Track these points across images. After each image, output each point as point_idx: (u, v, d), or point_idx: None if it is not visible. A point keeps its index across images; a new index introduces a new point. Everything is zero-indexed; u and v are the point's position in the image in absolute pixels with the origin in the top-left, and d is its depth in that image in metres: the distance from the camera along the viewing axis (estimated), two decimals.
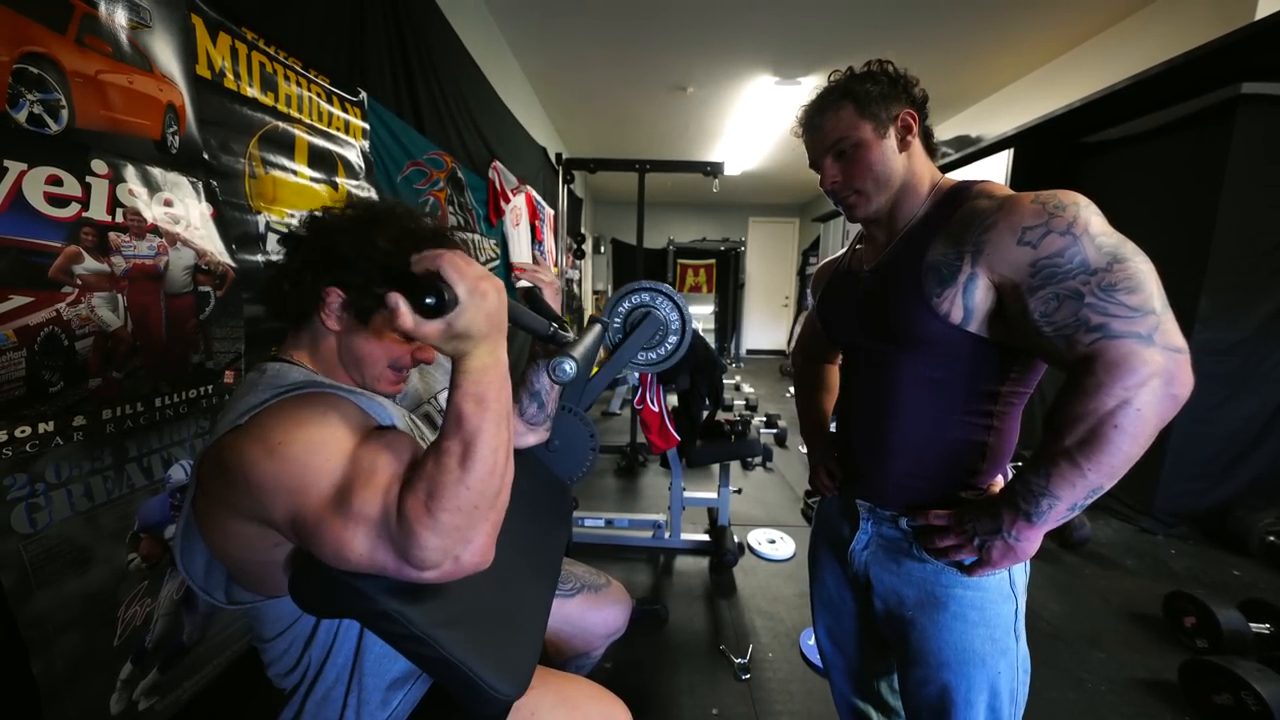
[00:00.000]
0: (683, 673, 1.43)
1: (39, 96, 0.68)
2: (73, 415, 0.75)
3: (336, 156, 1.34)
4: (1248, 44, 1.61)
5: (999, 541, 0.58)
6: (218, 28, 0.98)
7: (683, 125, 4.12)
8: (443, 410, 0.76)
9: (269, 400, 0.52)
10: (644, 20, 2.58)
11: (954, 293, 0.59)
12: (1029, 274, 0.54)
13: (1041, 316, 0.54)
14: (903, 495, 0.68)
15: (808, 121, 0.71)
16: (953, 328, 0.60)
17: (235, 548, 0.55)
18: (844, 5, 2.39)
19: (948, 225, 0.61)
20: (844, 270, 0.78)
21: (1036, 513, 0.54)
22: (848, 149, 0.66)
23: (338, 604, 0.52)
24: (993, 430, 0.64)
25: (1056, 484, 0.53)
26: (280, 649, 0.62)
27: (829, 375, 0.97)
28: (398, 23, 1.66)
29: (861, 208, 0.68)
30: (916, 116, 0.66)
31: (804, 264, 6.88)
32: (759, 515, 2.39)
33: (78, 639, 0.77)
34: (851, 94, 0.65)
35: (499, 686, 0.54)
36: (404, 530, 0.46)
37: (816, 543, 0.86)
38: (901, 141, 0.66)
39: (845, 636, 0.82)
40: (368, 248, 0.58)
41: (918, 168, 0.67)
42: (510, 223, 2.75)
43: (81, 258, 0.74)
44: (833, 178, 0.69)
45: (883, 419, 0.68)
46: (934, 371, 0.64)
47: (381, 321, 0.61)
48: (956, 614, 0.64)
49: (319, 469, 0.48)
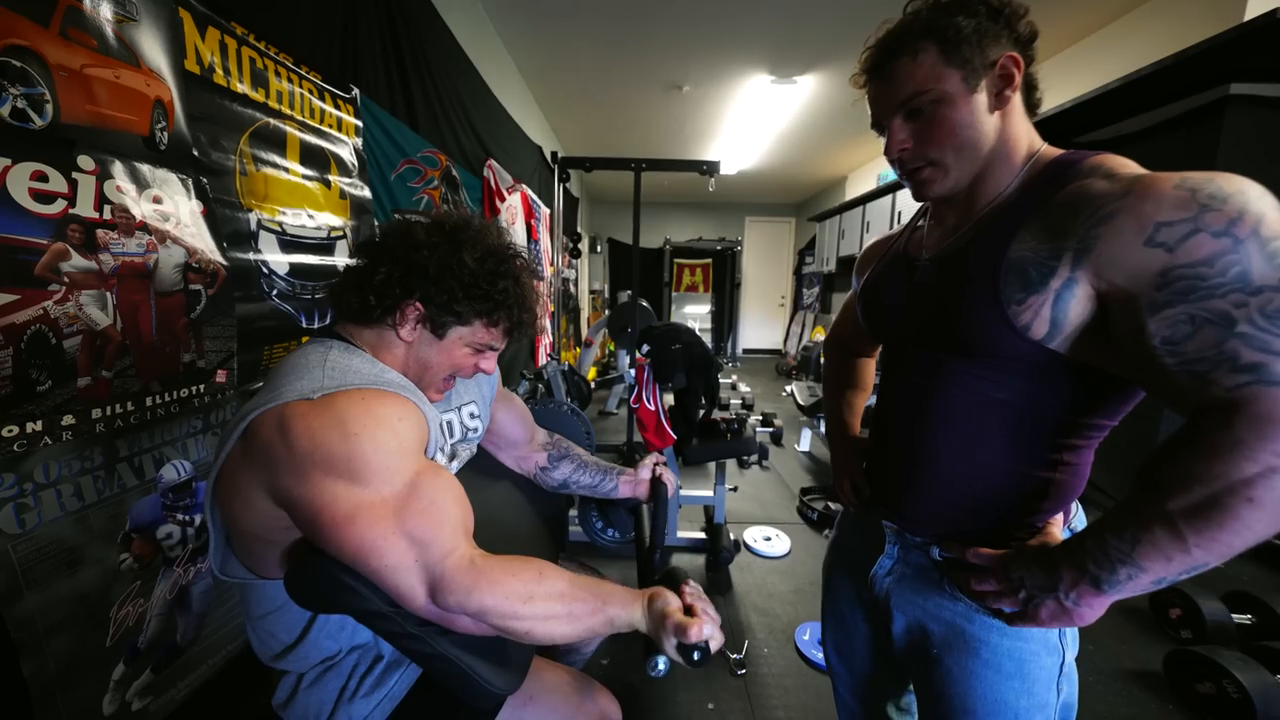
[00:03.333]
0: (678, 669, 1.43)
1: (22, 90, 0.67)
2: (61, 415, 0.74)
3: (329, 154, 1.33)
4: (1236, 45, 1.63)
5: (1051, 601, 0.47)
6: (206, 22, 0.97)
7: (679, 124, 4.12)
8: (463, 423, 0.79)
9: (345, 385, 0.53)
10: (640, 18, 2.57)
11: (1041, 301, 0.46)
12: (1155, 285, 0.41)
13: (1164, 344, 0.40)
14: (938, 524, 0.58)
15: (874, 66, 0.54)
16: (1030, 343, 0.48)
17: (248, 519, 0.55)
18: (839, 5, 2.39)
19: (1044, 210, 0.48)
20: (898, 254, 0.65)
21: (1110, 581, 0.43)
22: (925, 106, 0.51)
23: (333, 601, 0.52)
24: (1062, 466, 0.52)
25: (1146, 553, 0.41)
26: (269, 628, 0.62)
27: (864, 371, 0.85)
28: (391, 19, 1.65)
29: (936, 184, 0.54)
30: (1021, 62, 0.50)
31: (800, 264, 6.89)
32: (755, 513, 2.40)
33: (69, 640, 0.76)
34: (936, 31, 0.50)
35: (495, 681, 0.54)
36: (464, 581, 0.49)
37: (833, 558, 0.78)
38: (998, 96, 0.50)
39: (854, 656, 0.75)
40: (456, 266, 0.60)
41: (1014, 131, 0.52)
42: (506, 222, 2.74)
43: (68, 255, 0.73)
44: (901, 144, 0.54)
45: (925, 437, 0.57)
46: (996, 391, 0.52)
47: (454, 335, 0.63)
48: (989, 663, 0.54)
49: (381, 470, 0.50)
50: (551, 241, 3.65)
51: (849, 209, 4.63)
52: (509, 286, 0.64)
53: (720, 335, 7.13)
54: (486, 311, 0.64)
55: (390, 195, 1.65)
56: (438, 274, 0.60)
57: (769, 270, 7.51)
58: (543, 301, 3.43)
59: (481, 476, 0.85)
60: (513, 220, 2.86)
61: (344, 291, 0.63)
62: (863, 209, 4.30)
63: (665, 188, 6.08)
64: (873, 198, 4.13)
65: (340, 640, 0.62)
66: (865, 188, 4.45)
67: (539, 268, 3.37)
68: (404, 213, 1.73)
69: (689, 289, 7.17)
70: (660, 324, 1.98)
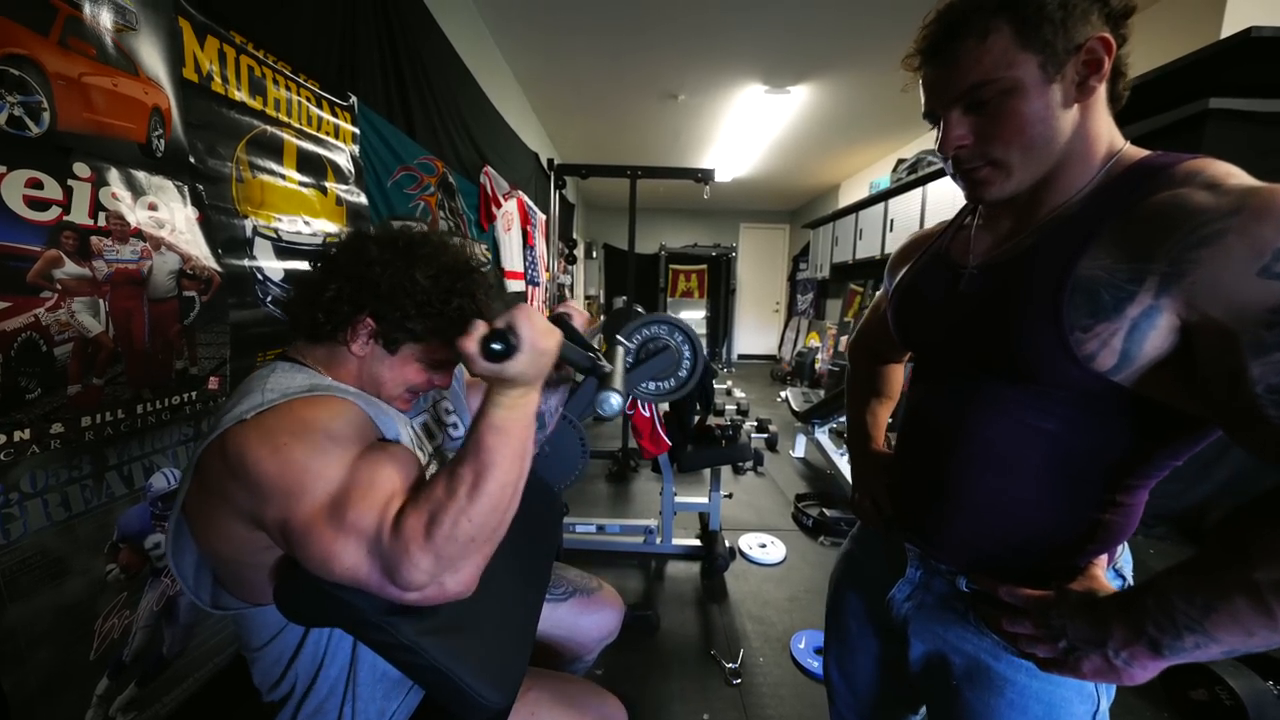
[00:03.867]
0: (674, 678, 1.42)
1: (19, 99, 0.67)
2: (50, 423, 0.73)
3: (326, 161, 1.33)
4: (1213, 61, 1.68)
5: (1097, 656, 0.41)
6: (205, 31, 0.97)
7: (674, 132, 4.16)
8: (441, 421, 0.76)
9: (278, 400, 0.52)
10: (636, 29, 2.60)
11: (1112, 330, 0.40)
12: (1265, 324, 0.34)
13: (1269, 392, 0.34)
14: (967, 554, 0.53)
15: (932, 47, 0.46)
16: (1092, 374, 0.42)
17: (225, 548, 0.54)
18: (832, 18, 2.43)
19: (1124, 222, 0.41)
20: (940, 256, 0.57)
21: (1173, 647, 0.38)
22: (991, 97, 0.43)
23: (324, 613, 0.51)
24: (1114, 507, 0.46)
25: (1221, 624, 0.36)
26: (270, 659, 0.61)
27: (892, 378, 0.79)
28: (389, 28, 1.66)
29: (995, 186, 0.47)
30: (1113, 44, 0.42)
31: (794, 270, 6.95)
32: (750, 519, 2.40)
33: (52, 653, 0.74)
34: (1012, 6, 0.42)
35: (488, 694, 0.54)
36: (398, 548, 0.46)
37: (844, 573, 0.73)
38: (1080, 86, 0.43)
39: (859, 675, 0.70)
40: (408, 284, 0.59)
41: (1094, 127, 0.44)
42: (501, 228, 2.74)
43: (62, 262, 0.73)
44: (959, 139, 0.46)
45: (957, 464, 0.51)
46: (1043, 420, 0.46)
47: (407, 351, 0.62)
48: (1014, 704, 0.50)
49: (318, 474, 0.48)
50: (547, 247, 3.66)
51: (842, 216, 4.68)
52: (464, 304, 0.63)
53: (715, 341, 7.15)
54: (439, 330, 0.62)
55: (387, 202, 1.65)
56: (389, 292, 0.59)
57: (764, 276, 7.56)
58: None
59: None
60: (508, 226, 2.87)
61: (295, 307, 0.62)
62: (855, 216, 4.35)
63: (661, 194, 6.12)
64: (865, 205, 4.18)
65: (339, 664, 0.61)
66: (858, 195, 4.50)
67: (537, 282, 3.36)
68: (399, 219, 1.73)
69: (684, 295, 7.20)
70: None
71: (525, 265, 3.19)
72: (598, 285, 7.01)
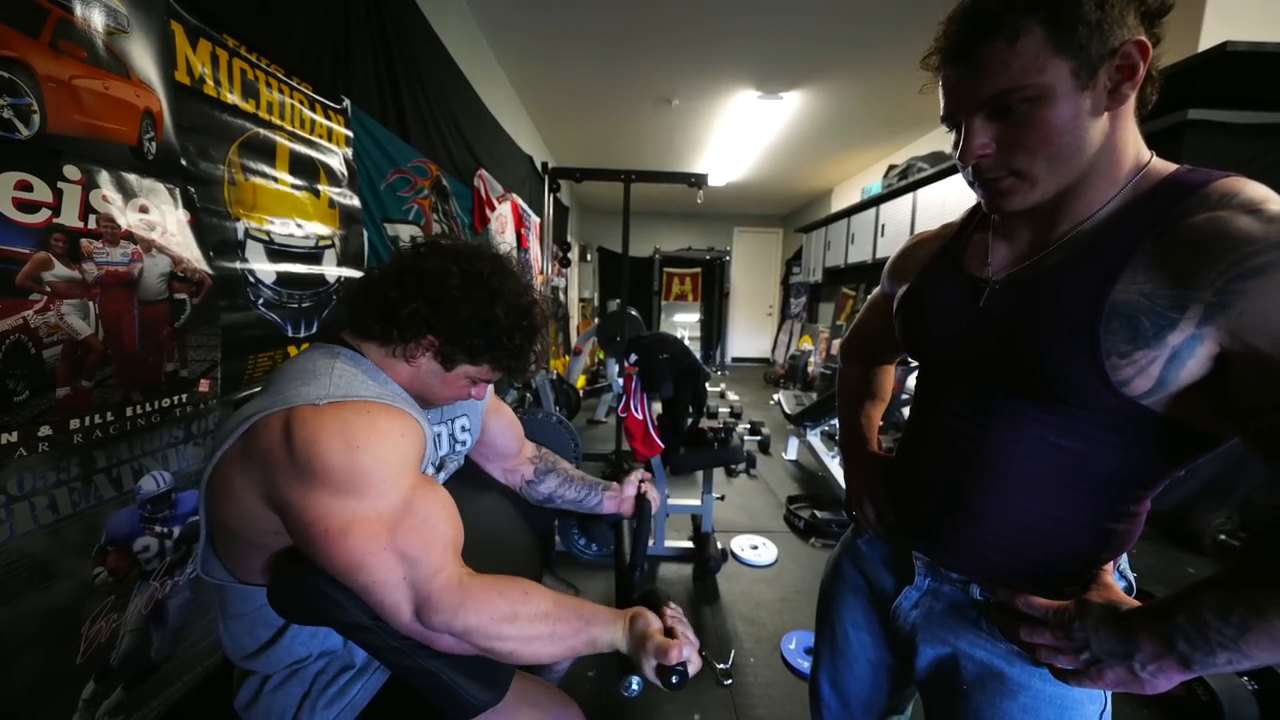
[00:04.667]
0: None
1: (9, 101, 0.67)
2: (38, 425, 0.73)
3: (318, 163, 1.33)
4: (1191, 74, 1.73)
5: (1120, 669, 0.41)
6: (198, 34, 0.98)
7: (668, 136, 4.19)
8: (454, 436, 0.80)
9: (353, 398, 0.54)
10: (630, 35, 2.62)
11: (1152, 359, 0.39)
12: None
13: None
14: (980, 564, 0.53)
15: (955, 48, 0.43)
16: (1125, 399, 0.41)
17: (234, 518, 0.55)
18: (823, 25, 2.47)
19: (1162, 244, 0.40)
20: (953, 263, 0.56)
21: (1205, 663, 0.38)
22: (1018, 105, 0.41)
23: (317, 613, 0.52)
24: (1127, 517, 0.47)
25: (1257, 643, 0.35)
26: (245, 627, 0.61)
27: (884, 380, 0.79)
28: (383, 32, 1.67)
29: (1018, 198, 0.45)
30: (1149, 48, 0.40)
31: (788, 274, 7.00)
32: (742, 521, 2.41)
33: (37, 657, 0.74)
34: (1046, 6, 0.39)
35: (477, 694, 0.54)
36: (453, 599, 0.50)
37: (840, 580, 0.70)
38: (1112, 94, 0.40)
39: (853, 687, 0.69)
40: (485, 317, 0.62)
41: (1122, 137, 0.43)
42: (495, 230, 2.75)
43: (51, 264, 0.73)
44: (982, 148, 0.44)
45: (972, 479, 0.51)
46: (1064, 439, 0.45)
47: (461, 369, 0.65)
48: (1028, 707, 0.50)
49: (379, 485, 0.50)
50: (541, 250, 3.66)
51: (834, 221, 4.73)
52: (525, 341, 0.67)
53: (709, 344, 7.18)
54: (498, 358, 0.66)
55: (380, 204, 1.65)
56: (466, 322, 0.62)
57: (757, 280, 7.60)
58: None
59: (470, 489, 0.85)
60: (502, 229, 2.87)
61: (366, 312, 0.63)
62: (847, 221, 4.40)
63: (655, 198, 6.15)
64: (857, 210, 4.23)
65: (310, 645, 0.62)
66: (850, 200, 4.55)
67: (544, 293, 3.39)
68: (392, 222, 1.73)
69: (678, 298, 7.23)
70: (648, 333, 2.00)
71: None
72: (592, 288, 7.01)
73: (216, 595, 0.63)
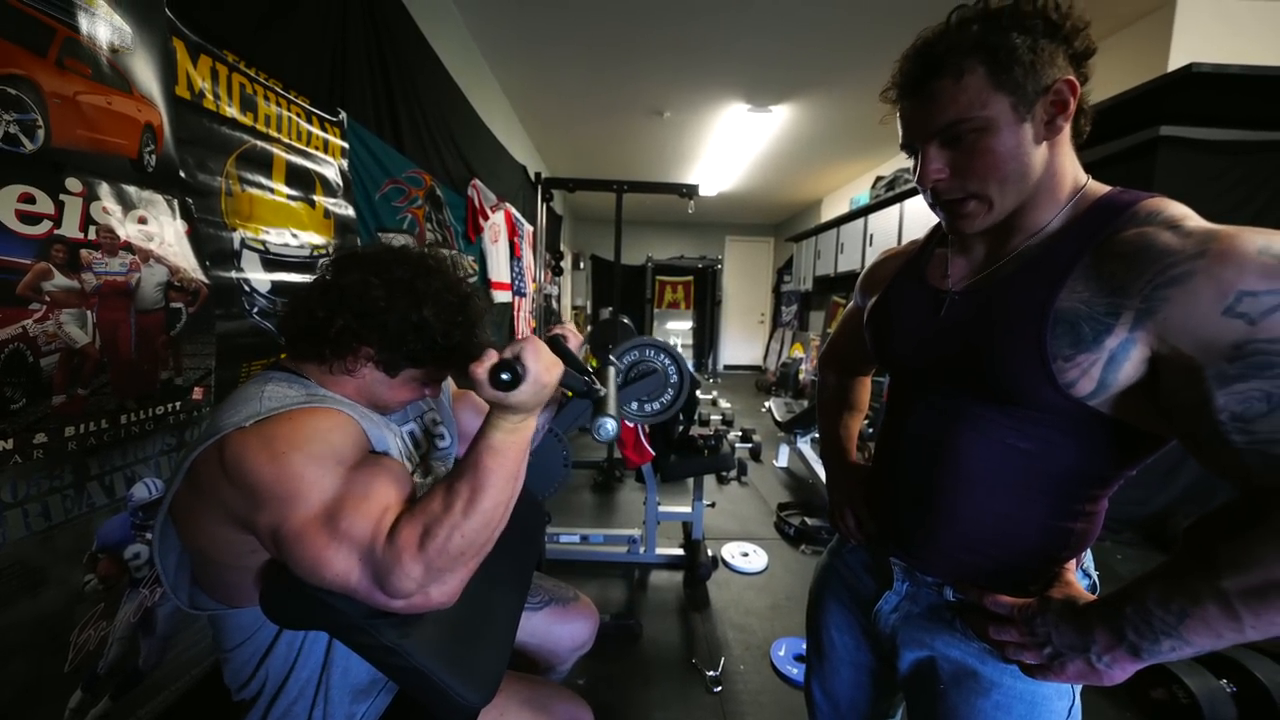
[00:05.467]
0: (655, 686, 1.44)
1: (15, 117, 0.69)
2: (34, 433, 0.73)
3: (314, 174, 1.36)
4: (1161, 92, 1.81)
5: (1079, 661, 0.45)
6: (199, 50, 1.00)
7: (660, 147, 4.25)
8: (428, 431, 0.78)
9: (278, 409, 0.54)
10: (622, 48, 2.68)
11: (1092, 361, 0.43)
12: (1227, 357, 0.38)
13: (1232, 420, 0.37)
14: (952, 567, 0.56)
15: (909, 84, 0.49)
16: (1072, 400, 0.45)
17: (211, 549, 0.56)
18: (810, 41, 2.54)
19: (1098, 257, 0.44)
20: (917, 278, 0.60)
21: (1151, 651, 0.41)
22: (966, 134, 0.46)
23: (309, 617, 0.53)
24: (1084, 516, 0.51)
25: (1194, 629, 0.39)
26: (241, 659, 0.62)
27: (861, 391, 0.82)
28: (379, 45, 1.70)
29: (976, 220, 0.50)
30: (1078, 87, 0.45)
31: (779, 282, 7.08)
32: (733, 528, 2.43)
33: (26, 665, 0.74)
34: (986, 48, 0.44)
35: (467, 694, 0.56)
36: (390, 557, 0.48)
37: (825, 587, 0.73)
38: (1049, 125, 0.46)
39: (842, 691, 0.72)
40: (415, 321, 0.62)
41: (1060, 164, 0.48)
42: (489, 239, 2.77)
43: (51, 274, 0.74)
44: (936, 173, 0.49)
45: (940, 482, 0.54)
46: (1021, 440, 0.49)
47: (406, 374, 0.64)
48: (1000, 704, 0.53)
49: (313, 483, 0.50)
50: (534, 258, 3.69)
51: (824, 231, 4.81)
52: (464, 335, 0.67)
53: (702, 351, 7.23)
54: (440, 358, 0.66)
55: (374, 214, 1.67)
56: (396, 330, 0.62)
57: (749, 288, 7.68)
58: (526, 318, 3.45)
59: None
60: (495, 238, 2.90)
61: (296, 335, 0.63)
62: (837, 231, 4.48)
63: (648, 207, 6.21)
64: (846, 220, 4.31)
65: (310, 668, 0.63)
66: (839, 210, 4.64)
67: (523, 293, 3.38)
68: (386, 231, 1.75)
69: (671, 306, 7.28)
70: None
71: (512, 276, 3.22)
72: (585, 295, 7.04)
73: (213, 630, 0.63)
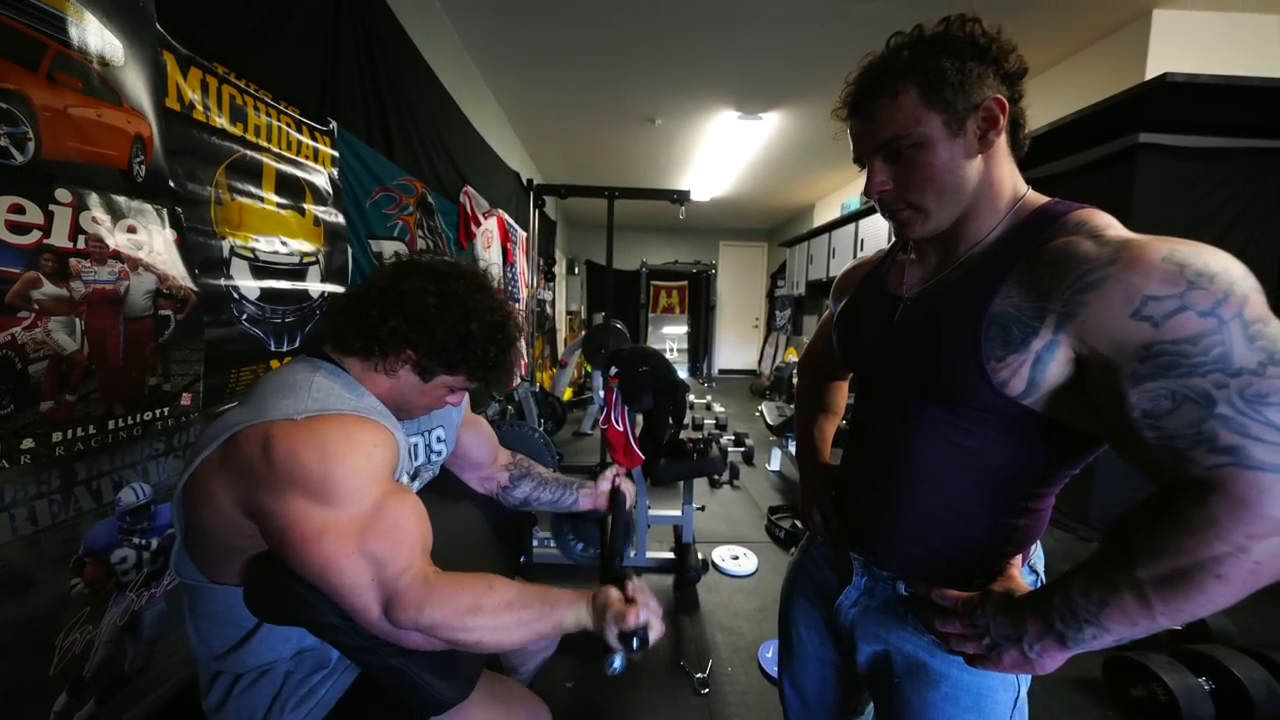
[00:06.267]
0: (643, 689, 1.45)
1: (6, 130, 0.71)
2: (21, 438, 0.75)
3: (304, 183, 1.38)
4: (1138, 101, 1.85)
5: (1014, 651, 0.47)
6: (189, 63, 1.02)
7: (652, 154, 4.29)
8: (430, 446, 0.83)
9: (330, 411, 0.57)
10: (613, 57, 2.72)
11: (1021, 361, 0.46)
12: (1138, 357, 0.40)
13: (1144, 416, 0.40)
14: (905, 561, 0.59)
15: (854, 105, 0.54)
16: (1006, 399, 0.48)
17: (213, 524, 0.57)
18: (798, 51, 2.59)
19: (1029, 264, 0.47)
20: (879, 284, 0.64)
21: (1075, 639, 0.44)
22: (904, 149, 0.50)
23: (291, 613, 0.55)
24: (1027, 513, 0.53)
25: (1111, 617, 0.41)
26: (213, 629, 0.63)
27: (837, 395, 0.85)
28: (370, 55, 1.72)
29: (917, 226, 0.54)
30: (1006, 104, 0.49)
31: (773, 286, 7.13)
32: (724, 532, 2.44)
33: (10, 668, 0.75)
34: (917, 71, 0.48)
35: (445, 691, 0.57)
36: (418, 595, 0.53)
37: (795, 584, 0.76)
38: (981, 140, 0.49)
39: (809, 686, 0.75)
40: (461, 331, 0.66)
41: (997, 174, 0.51)
42: (481, 245, 2.80)
43: (40, 283, 0.76)
44: (881, 185, 0.53)
45: (893, 479, 0.57)
46: (967, 439, 0.52)
47: (439, 380, 0.69)
48: (949, 696, 0.55)
49: (353, 494, 0.53)
50: (528, 264, 3.72)
51: (816, 235, 4.86)
52: (500, 353, 0.71)
53: (696, 356, 7.26)
54: (474, 369, 0.70)
55: (365, 222, 1.69)
56: (443, 340, 0.66)
57: (743, 292, 7.72)
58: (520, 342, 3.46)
59: (443, 497, 0.88)
60: (488, 244, 2.92)
61: (348, 330, 0.67)
62: (829, 236, 4.53)
63: (642, 212, 6.25)
64: (837, 225, 4.36)
65: (281, 648, 0.64)
66: (831, 215, 4.70)
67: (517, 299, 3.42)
68: (376, 238, 1.77)
69: (665, 310, 7.31)
70: (629, 347, 2.05)
71: (505, 282, 3.24)
72: (580, 300, 7.07)
73: (187, 595, 0.64)
